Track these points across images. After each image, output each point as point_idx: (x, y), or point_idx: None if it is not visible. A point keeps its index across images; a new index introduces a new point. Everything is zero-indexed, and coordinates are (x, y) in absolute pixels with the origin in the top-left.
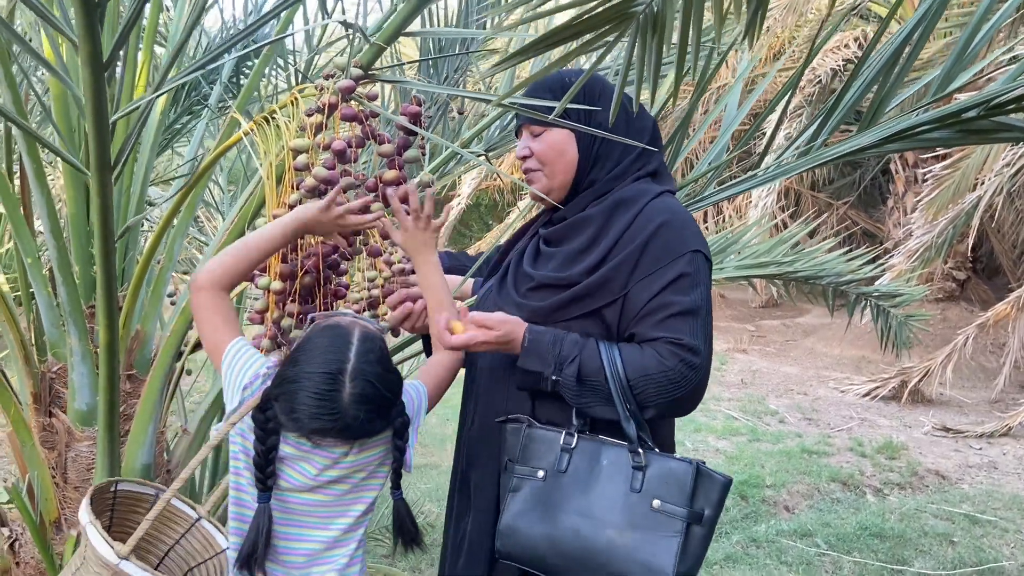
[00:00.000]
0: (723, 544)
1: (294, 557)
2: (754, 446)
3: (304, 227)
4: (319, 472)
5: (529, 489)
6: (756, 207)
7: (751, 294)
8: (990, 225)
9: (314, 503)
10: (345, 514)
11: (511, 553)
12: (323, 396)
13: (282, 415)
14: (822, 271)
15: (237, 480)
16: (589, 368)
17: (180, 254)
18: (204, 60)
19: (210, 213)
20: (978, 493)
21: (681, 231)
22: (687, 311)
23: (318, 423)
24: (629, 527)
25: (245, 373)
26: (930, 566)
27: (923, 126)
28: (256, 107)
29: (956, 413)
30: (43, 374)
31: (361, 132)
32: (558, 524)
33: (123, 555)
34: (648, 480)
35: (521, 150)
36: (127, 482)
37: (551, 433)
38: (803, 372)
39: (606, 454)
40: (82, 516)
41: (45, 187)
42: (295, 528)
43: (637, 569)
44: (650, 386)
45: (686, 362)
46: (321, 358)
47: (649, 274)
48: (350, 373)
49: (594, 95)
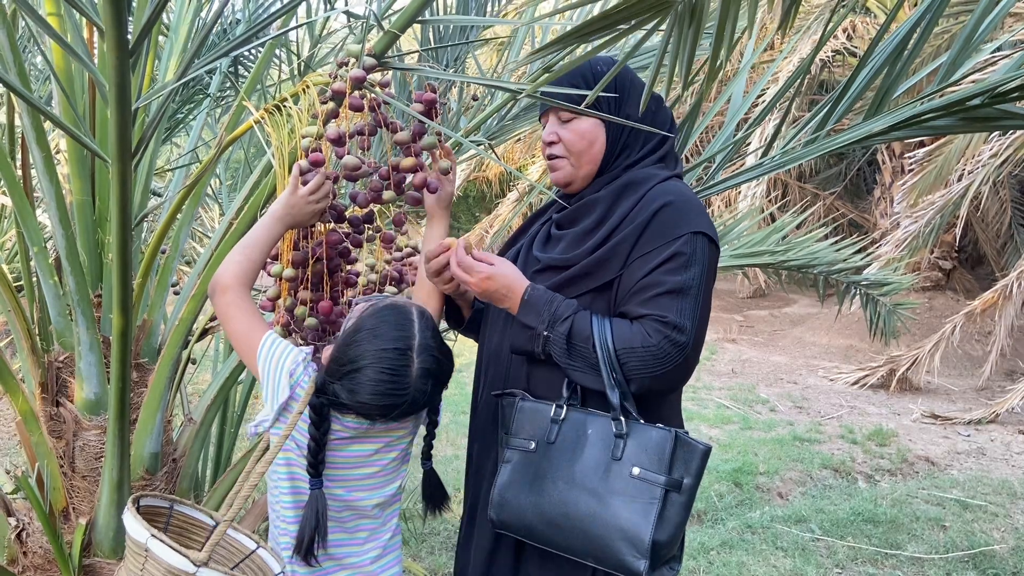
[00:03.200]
0: (719, 530)
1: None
2: (746, 434)
3: (287, 215)
4: (376, 451)
5: (520, 460)
6: (746, 198)
7: (739, 285)
8: (975, 215)
9: (365, 475)
10: (393, 481)
11: (504, 522)
12: (394, 372)
13: (345, 397)
14: (814, 260)
15: (292, 471)
16: (580, 331)
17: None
18: (229, 47)
19: (207, 204)
20: (967, 479)
21: (683, 212)
22: (676, 290)
23: (388, 399)
24: (609, 494)
25: (285, 362)
26: (923, 550)
27: (928, 114)
28: (257, 96)
29: (944, 400)
30: (50, 363)
31: (373, 120)
32: (544, 493)
33: (201, 562)
34: (628, 448)
35: (548, 135)
36: (147, 496)
37: (543, 405)
38: (792, 361)
39: (592, 424)
40: (137, 532)
41: (54, 176)
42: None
43: (616, 535)
44: (633, 359)
45: (670, 339)
46: (388, 335)
47: (645, 253)
48: (417, 348)
49: (624, 86)
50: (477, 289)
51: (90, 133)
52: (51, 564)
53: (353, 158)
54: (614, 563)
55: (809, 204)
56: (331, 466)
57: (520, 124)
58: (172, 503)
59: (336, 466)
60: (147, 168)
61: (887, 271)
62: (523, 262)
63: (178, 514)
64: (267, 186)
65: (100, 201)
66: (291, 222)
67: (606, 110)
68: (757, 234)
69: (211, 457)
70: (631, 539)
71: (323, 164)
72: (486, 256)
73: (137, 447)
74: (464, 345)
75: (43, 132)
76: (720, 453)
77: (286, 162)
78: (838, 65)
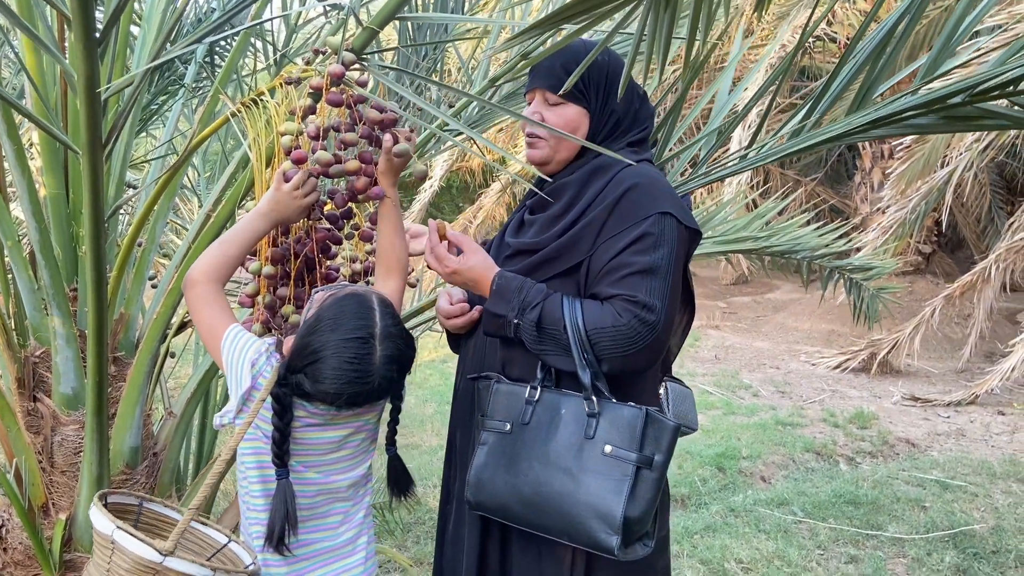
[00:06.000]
0: (703, 514)
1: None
2: (729, 419)
3: (272, 211)
4: (346, 436)
5: (496, 441)
6: (730, 185)
7: (722, 271)
8: (955, 199)
9: (339, 458)
10: (364, 461)
11: (481, 503)
12: (356, 360)
13: (309, 387)
14: (798, 245)
15: (260, 460)
16: (550, 315)
17: (161, 237)
18: (199, 35)
19: (185, 196)
20: (947, 460)
21: (650, 194)
22: (645, 270)
23: (352, 387)
24: (582, 472)
25: (247, 352)
26: (904, 530)
27: (908, 111)
28: (233, 87)
29: (924, 383)
30: (26, 358)
31: (350, 118)
32: (519, 473)
33: (167, 551)
34: (601, 427)
35: (532, 114)
36: (114, 493)
37: (518, 387)
38: (775, 347)
39: (565, 404)
40: (103, 525)
41: (26, 168)
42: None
43: (588, 512)
44: (604, 339)
45: (639, 318)
46: (350, 324)
47: (613, 235)
48: (379, 336)
49: (616, 77)
50: (447, 280)
51: (62, 125)
52: (31, 560)
53: (326, 153)
54: (587, 540)
55: (791, 190)
56: (304, 452)
57: (501, 112)
58: (142, 500)
59: (309, 452)
60: (121, 159)
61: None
62: (496, 248)
63: (148, 511)
64: (244, 178)
65: (74, 194)
66: (277, 218)
67: (594, 98)
68: (740, 220)
69: (192, 451)
70: (603, 516)
71: (305, 161)
72: (459, 240)
73: (116, 442)
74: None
75: (14, 125)
76: (703, 438)
77: (263, 156)
78: (818, 51)
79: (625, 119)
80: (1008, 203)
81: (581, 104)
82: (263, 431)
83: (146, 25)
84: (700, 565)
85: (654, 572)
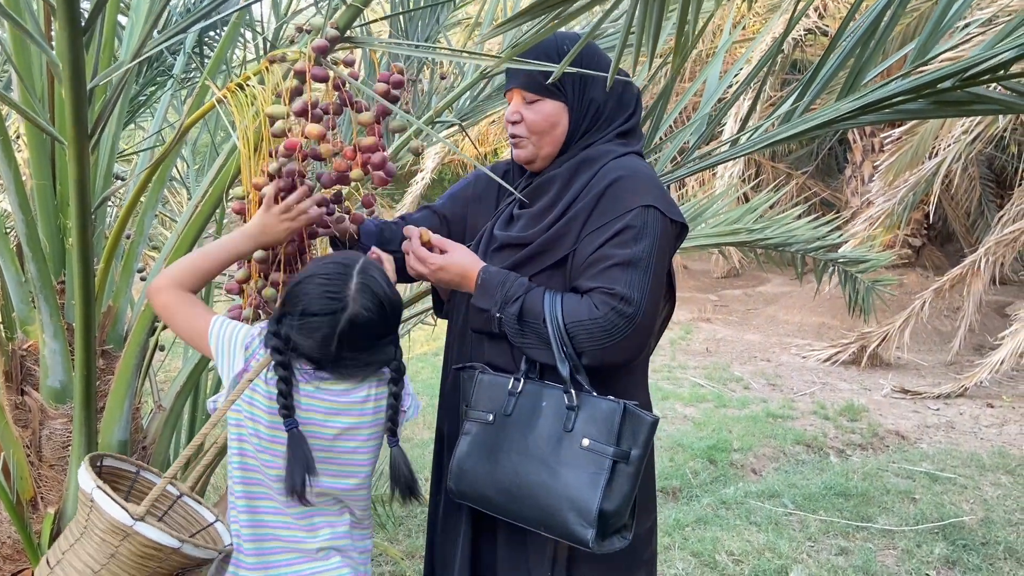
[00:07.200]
0: (694, 507)
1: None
2: (721, 412)
3: (260, 233)
4: (340, 431)
5: (478, 431)
6: (722, 178)
7: (713, 264)
8: (944, 192)
9: (329, 457)
10: (351, 475)
11: (462, 492)
12: (329, 278)
13: (294, 331)
14: (791, 238)
15: (242, 447)
16: (531, 309)
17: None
18: (184, 25)
19: (174, 188)
20: (937, 452)
21: (634, 186)
22: (625, 262)
23: (323, 304)
24: (559, 464)
25: (238, 336)
26: (894, 522)
27: (898, 96)
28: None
29: (914, 376)
30: (14, 352)
31: (339, 99)
32: (499, 464)
33: (138, 516)
34: (579, 420)
35: (511, 114)
36: (111, 457)
37: (501, 378)
38: (766, 339)
39: (546, 396)
40: (85, 483)
41: (12, 160)
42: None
43: (565, 505)
44: (582, 332)
45: (617, 311)
46: (329, 259)
47: (596, 228)
48: (358, 269)
49: (591, 65)
50: (432, 280)
51: (48, 116)
52: (20, 554)
53: (318, 126)
54: (563, 532)
55: (782, 183)
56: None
57: (493, 104)
58: (139, 469)
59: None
60: (109, 150)
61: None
62: (485, 242)
63: (143, 480)
64: (231, 164)
65: (61, 186)
66: (263, 240)
67: (570, 90)
68: (733, 212)
69: (182, 444)
70: (579, 509)
71: (296, 149)
72: (442, 242)
73: (105, 435)
74: (442, 328)
75: (0, 116)
76: (695, 431)
77: (250, 143)
78: (810, 44)
79: (606, 106)
80: (998, 196)
81: (558, 99)
82: (247, 413)
83: (134, 15)
84: (691, 557)
85: (639, 563)
